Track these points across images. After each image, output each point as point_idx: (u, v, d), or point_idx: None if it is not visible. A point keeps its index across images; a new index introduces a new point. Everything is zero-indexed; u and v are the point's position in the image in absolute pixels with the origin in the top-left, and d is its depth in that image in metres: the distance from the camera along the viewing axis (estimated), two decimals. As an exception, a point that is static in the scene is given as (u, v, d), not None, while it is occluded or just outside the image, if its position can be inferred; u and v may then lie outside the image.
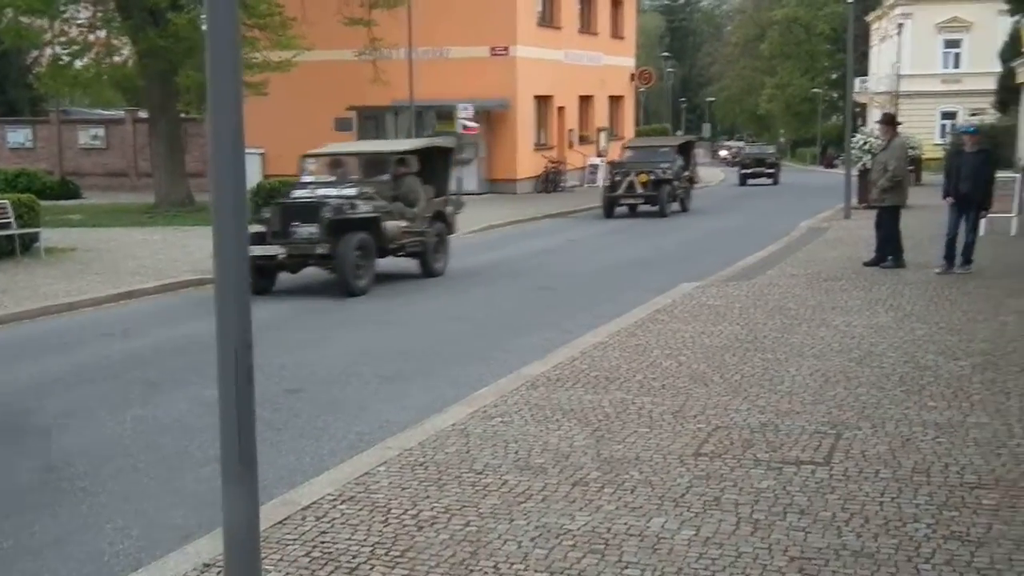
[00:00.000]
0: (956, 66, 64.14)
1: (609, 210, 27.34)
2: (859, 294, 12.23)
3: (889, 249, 14.50)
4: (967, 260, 13.66)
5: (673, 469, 5.97)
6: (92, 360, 10.24)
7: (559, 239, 21.83)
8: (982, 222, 15.09)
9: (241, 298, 3.97)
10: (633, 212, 27.87)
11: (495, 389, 8.05)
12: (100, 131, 41.32)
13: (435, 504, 5.52)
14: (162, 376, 9.42)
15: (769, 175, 46.09)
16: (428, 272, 15.77)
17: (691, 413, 7.16)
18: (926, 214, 19.81)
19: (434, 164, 16.48)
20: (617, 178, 27.35)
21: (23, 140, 41.98)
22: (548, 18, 38.50)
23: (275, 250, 14.00)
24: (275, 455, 6.94)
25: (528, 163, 36.40)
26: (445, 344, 10.62)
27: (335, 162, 16.40)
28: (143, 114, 34.50)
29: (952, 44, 64.29)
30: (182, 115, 33.74)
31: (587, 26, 41.91)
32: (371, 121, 36.49)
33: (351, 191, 14.88)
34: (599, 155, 41.67)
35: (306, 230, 14.11)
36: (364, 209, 14.50)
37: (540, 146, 37.77)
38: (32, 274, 15.89)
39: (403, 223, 15.08)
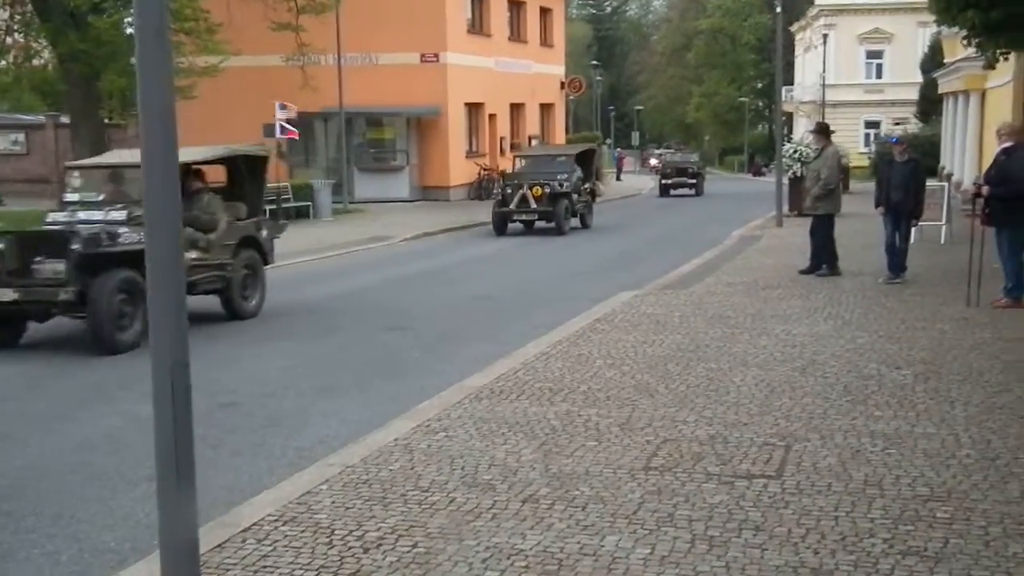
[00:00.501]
0: (878, 76, 65.46)
1: (500, 227, 24.29)
2: (797, 302, 12.25)
3: (824, 257, 14.58)
4: (900, 268, 13.76)
5: (624, 484, 5.84)
6: (11, 376, 9.86)
7: (492, 248, 21.70)
8: (913, 230, 15.24)
9: (176, 312, 3.77)
10: (530, 228, 24.94)
11: (437, 402, 7.86)
12: (20, 136, 40.38)
13: (381, 524, 5.32)
14: (86, 392, 9.09)
15: (691, 185, 43.39)
16: (233, 313, 12.69)
17: (638, 425, 7.05)
18: (857, 222, 19.99)
19: (242, 177, 13.40)
20: (508, 191, 24.33)
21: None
22: (478, 26, 38.43)
23: (4, 294, 10.77)
24: (211, 473, 6.67)
25: (460, 170, 36.26)
26: (381, 356, 10.40)
27: (113, 175, 12.45)
28: (65, 119, 33.74)
29: (874, 55, 65.61)
30: (105, 120, 33.09)
31: (517, 34, 41.92)
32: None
33: (120, 214, 11.45)
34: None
35: (50, 267, 10.84)
36: (131, 238, 10.82)
37: (472, 153, 37.65)
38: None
39: (193, 253, 11.99)
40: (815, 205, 14.52)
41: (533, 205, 23.90)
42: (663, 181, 43.86)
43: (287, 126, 29.64)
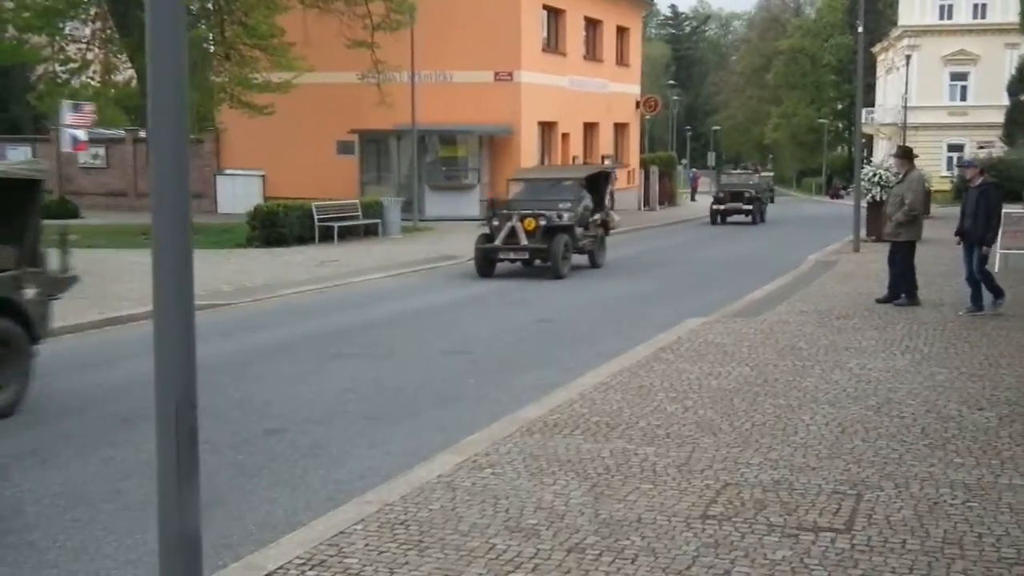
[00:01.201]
0: (963, 99, 63.93)
1: (484, 267, 19.40)
2: (873, 334, 11.68)
3: (903, 286, 13.95)
4: (982, 300, 13.04)
5: (679, 534, 5.41)
6: (64, 392, 9.70)
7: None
8: (997, 259, 14.55)
9: (184, 345, 3.45)
10: (528, 266, 20.04)
11: (487, 435, 7.50)
12: (100, 150, 40.88)
13: (414, 572, 4.97)
14: (137, 411, 8.87)
15: (747, 212, 37.78)
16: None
17: (698, 467, 6.61)
18: (937, 249, 19.25)
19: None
20: (495, 223, 19.64)
21: (23, 158, 41.51)
22: (553, 44, 38.14)
23: None
24: (246, 506, 6.39)
25: (531, 190, 35.91)
26: (436, 381, 10.07)
27: None
28: (143, 134, 34.14)
29: (958, 76, 64.10)
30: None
31: (592, 52, 41.55)
32: (373, 145, 36.13)
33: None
34: (604, 182, 41.18)
35: None
36: None
37: (544, 172, 37.33)
38: (15, 297, 15.35)
39: None
40: (897, 231, 13.89)
41: (524, 241, 19.18)
42: (715, 207, 38.30)
43: (79, 136, 26.81)
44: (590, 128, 41.37)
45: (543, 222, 19.28)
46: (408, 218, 30.10)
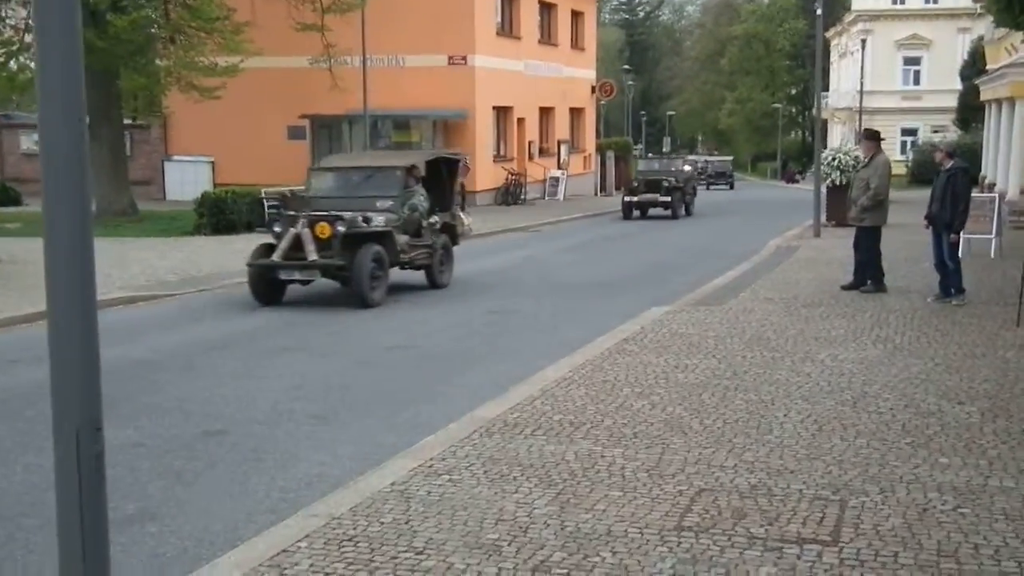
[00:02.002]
0: (916, 83, 64.09)
1: (264, 291, 13.96)
2: (842, 323, 11.32)
3: (869, 272, 13.63)
4: (953, 289, 12.69)
5: (652, 549, 4.97)
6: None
7: (518, 255, 20.84)
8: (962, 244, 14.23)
9: (86, 360, 2.96)
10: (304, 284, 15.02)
11: (444, 437, 7.01)
12: (44, 136, 39.82)
13: (363, 597, 4.49)
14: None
15: (665, 204, 31.50)
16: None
17: (669, 470, 6.18)
18: (899, 234, 19.00)
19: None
20: (277, 228, 14.26)
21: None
22: (507, 28, 37.61)
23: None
24: (181, 519, 5.87)
25: (487, 175, 35.41)
26: (387, 378, 9.57)
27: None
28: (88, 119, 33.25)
29: (912, 61, 64.26)
30: (129, 121, 32.54)
31: (547, 37, 41.05)
32: (325, 130, 35.43)
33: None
34: (560, 167, 40.78)
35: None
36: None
37: (500, 158, 36.83)
38: (-54, 290, 14.65)
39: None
40: (861, 216, 13.54)
41: (312, 256, 13.61)
42: (627, 198, 32.13)
43: None
44: (546, 113, 40.91)
45: (341, 227, 13.66)
46: (361, 205, 29.44)
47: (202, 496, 6.29)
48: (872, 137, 13.74)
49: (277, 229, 14.22)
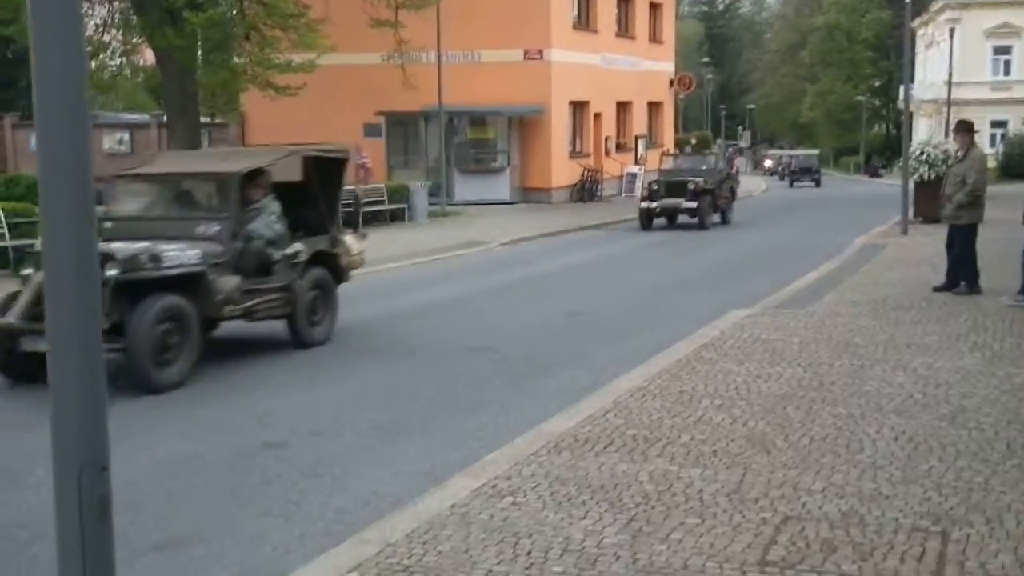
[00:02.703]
0: (1006, 73, 62.20)
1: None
2: (935, 327, 10.69)
3: (963, 273, 12.92)
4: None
5: (734, 587, 4.53)
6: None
7: (593, 254, 20.40)
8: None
9: (91, 391, 2.60)
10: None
11: (509, 453, 6.62)
12: (125, 135, 40.39)
13: (415, 640, 4.12)
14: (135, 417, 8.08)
15: (690, 211, 25.72)
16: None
17: (751, 494, 5.71)
18: (991, 231, 18.10)
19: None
20: (26, 271, 9.80)
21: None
22: (584, 21, 37.07)
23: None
24: (229, 542, 5.56)
25: (563, 171, 34.97)
26: (458, 384, 9.20)
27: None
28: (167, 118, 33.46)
29: (1002, 51, 62.38)
30: (207, 120, 32.69)
31: (625, 29, 40.44)
32: (400, 127, 35.26)
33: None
34: (637, 163, 40.18)
35: None
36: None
37: (576, 154, 36.34)
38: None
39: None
40: (957, 214, 12.82)
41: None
42: (643, 204, 26.11)
43: None
44: (623, 107, 40.32)
45: (113, 271, 8.88)
46: (436, 202, 29.23)
47: (255, 516, 5.97)
48: (966, 129, 12.96)
49: (25, 272, 9.71)
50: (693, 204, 25.60)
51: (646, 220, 25.82)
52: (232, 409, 8.38)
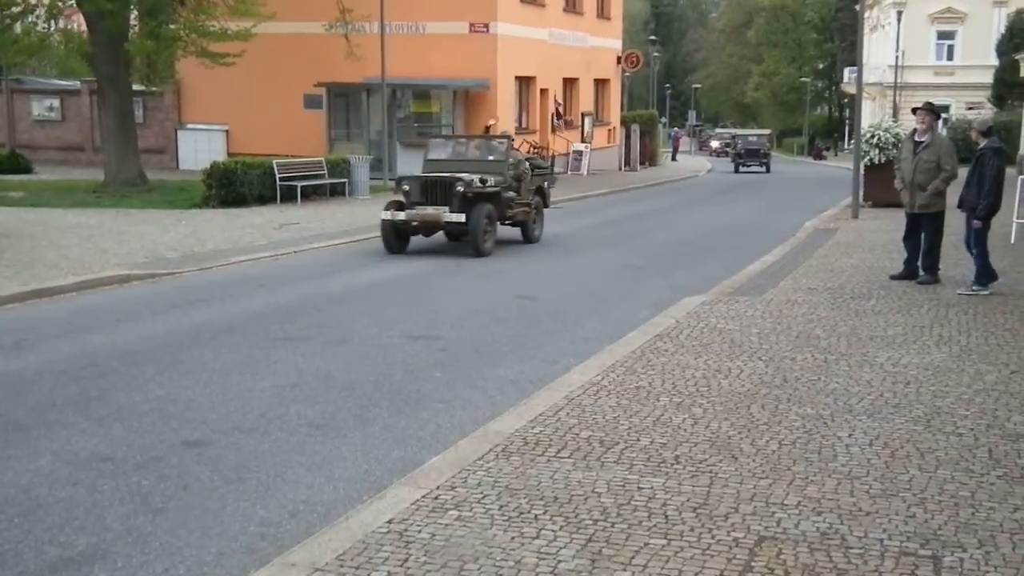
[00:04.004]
0: (949, 58, 62.48)
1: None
2: (897, 318, 10.27)
3: (928, 261, 12.45)
4: (983, 277, 11.74)
5: (709, 626, 3.99)
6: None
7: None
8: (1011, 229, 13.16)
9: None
10: None
11: (453, 457, 6.03)
12: (55, 102, 38.99)
13: None
14: (35, 413, 7.37)
15: (454, 228, 16.65)
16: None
17: (720, 509, 5.19)
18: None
19: None
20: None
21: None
22: (532, -6, 36.35)
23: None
24: (138, 560, 4.93)
25: (508, 148, 34.25)
26: (396, 375, 8.59)
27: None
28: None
29: (945, 36, 62.62)
30: (141, 88, 31.53)
31: (572, 5, 39.76)
32: (342, 99, 34.36)
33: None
34: (584, 141, 39.63)
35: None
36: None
37: (522, 130, 35.65)
38: (-70, 265, 13.74)
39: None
40: (931, 202, 12.31)
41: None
42: (386, 214, 16.70)
43: None
44: (570, 84, 39.71)
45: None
46: (378, 177, 28.46)
47: (168, 528, 5.33)
48: (931, 112, 12.40)
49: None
50: (460, 217, 16.09)
51: (393, 239, 16.41)
52: (150, 400, 7.70)
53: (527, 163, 18.46)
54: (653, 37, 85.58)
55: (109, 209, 22.18)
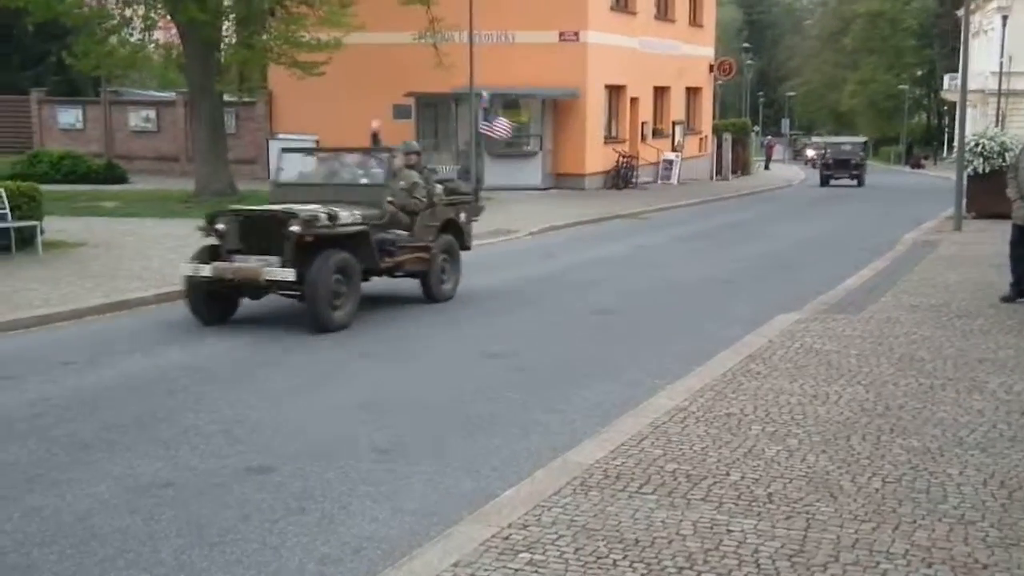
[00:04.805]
0: (1056, 64, 60.36)
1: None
2: (1008, 339, 9.61)
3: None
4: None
5: None
6: (22, 404, 7.99)
7: (626, 245, 19.35)
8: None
9: None
10: None
11: (527, 491, 5.64)
12: (151, 113, 39.56)
13: None
14: (98, 433, 7.16)
15: (280, 289, 11.16)
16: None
17: (818, 558, 4.70)
18: None
19: None
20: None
21: (73, 121, 40.40)
22: (622, 2, 35.83)
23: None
24: (187, 602, 4.62)
25: (598, 157, 33.85)
26: (471, 396, 8.22)
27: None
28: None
29: (1052, 41, 60.48)
30: (235, 99, 31.84)
31: (664, 12, 39.19)
32: (431, 109, 34.23)
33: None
34: (675, 150, 39.00)
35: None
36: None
37: (611, 139, 35.20)
38: (15, 276, 13.76)
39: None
40: None
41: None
42: (188, 268, 11.22)
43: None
44: (660, 92, 39.13)
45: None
46: (465, 188, 28.20)
47: (224, 564, 5.03)
48: None
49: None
50: (288, 274, 10.71)
51: (203, 305, 11.29)
52: (219, 421, 7.44)
53: (436, 186, 12.95)
54: (746, 45, 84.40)
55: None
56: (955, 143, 22.79)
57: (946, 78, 75.58)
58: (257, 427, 7.30)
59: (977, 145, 22.14)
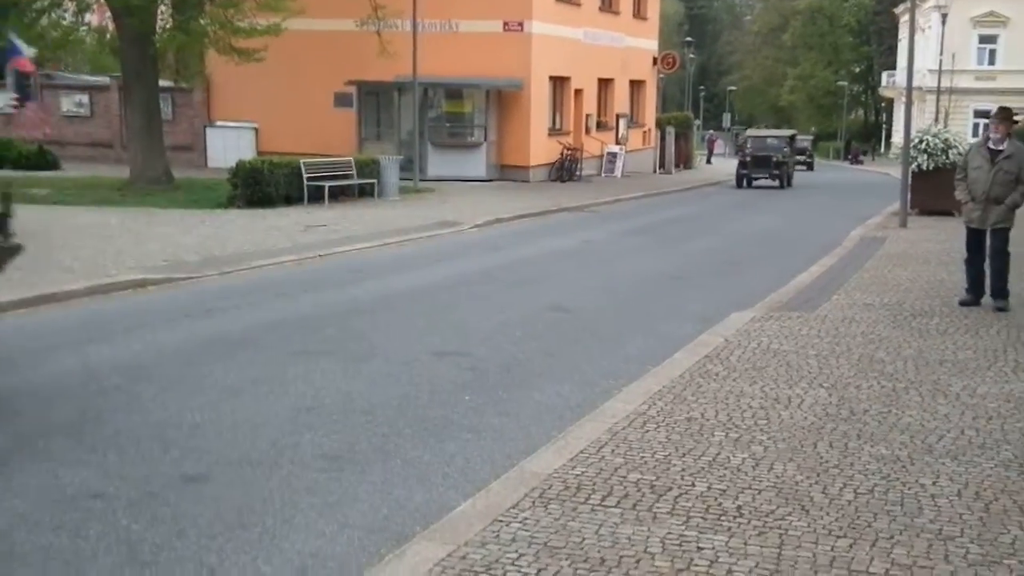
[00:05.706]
0: (991, 63, 61.35)
1: None
2: (967, 340, 9.46)
3: (998, 285, 11.15)
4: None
5: None
6: None
7: (574, 239, 19.06)
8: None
9: None
10: None
11: (483, 505, 5.31)
12: (84, 98, 38.53)
13: None
14: (22, 439, 6.70)
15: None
16: None
17: (796, 578, 4.43)
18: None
19: None
20: None
21: (2, 104, 39.17)
22: (567, -7, 35.58)
23: None
24: (115, 631, 4.23)
25: (542, 149, 33.55)
26: (422, 398, 7.86)
27: None
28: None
29: (987, 40, 61.51)
30: (171, 84, 31.09)
31: (608, 4, 38.96)
32: (373, 98, 33.69)
33: None
34: (618, 143, 38.83)
35: None
36: None
37: (555, 131, 34.92)
38: (-62, 266, 13.13)
39: None
40: (1006, 217, 11.09)
41: None
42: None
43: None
44: (605, 85, 38.91)
45: None
46: (408, 178, 27.78)
47: (155, 586, 4.64)
48: (1008, 119, 11.27)
49: None
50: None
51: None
52: (150, 424, 7.01)
53: None
54: (688, 39, 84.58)
55: (132, 208, 21.59)
56: (892, 139, 22.75)
57: (884, 75, 76.46)
58: (194, 431, 6.89)
59: (921, 142, 22.15)
